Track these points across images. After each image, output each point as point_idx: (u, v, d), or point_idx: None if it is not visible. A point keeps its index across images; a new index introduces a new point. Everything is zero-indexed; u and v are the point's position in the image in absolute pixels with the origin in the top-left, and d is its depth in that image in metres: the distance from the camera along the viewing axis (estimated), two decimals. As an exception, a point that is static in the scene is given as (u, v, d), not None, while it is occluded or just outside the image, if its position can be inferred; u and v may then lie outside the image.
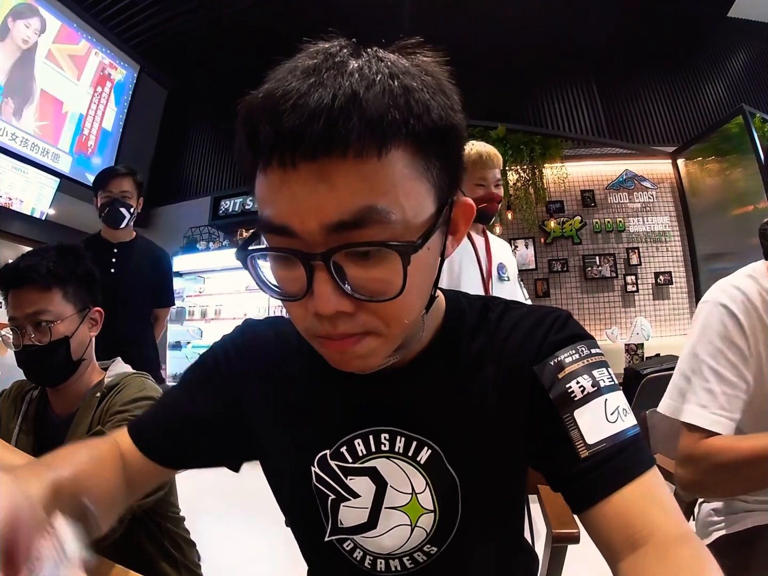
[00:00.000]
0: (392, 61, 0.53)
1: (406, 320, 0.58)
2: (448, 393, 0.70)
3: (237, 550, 2.92)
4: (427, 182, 0.55)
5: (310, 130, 0.47)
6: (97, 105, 6.99)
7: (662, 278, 6.31)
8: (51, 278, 1.29)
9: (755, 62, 7.67)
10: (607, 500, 0.59)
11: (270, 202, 0.53)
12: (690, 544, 0.54)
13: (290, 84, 0.49)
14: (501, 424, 0.69)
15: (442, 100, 0.55)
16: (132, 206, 2.78)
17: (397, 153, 0.51)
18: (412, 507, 0.71)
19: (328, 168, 0.48)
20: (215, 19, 7.17)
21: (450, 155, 0.57)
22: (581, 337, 0.69)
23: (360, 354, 0.58)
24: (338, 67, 0.50)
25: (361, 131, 0.48)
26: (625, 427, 0.62)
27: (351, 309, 0.54)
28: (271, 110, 0.49)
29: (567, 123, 7.25)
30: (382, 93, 0.49)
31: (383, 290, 0.53)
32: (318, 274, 0.52)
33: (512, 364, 0.69)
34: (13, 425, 1.34)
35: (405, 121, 0.50)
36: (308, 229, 0.51)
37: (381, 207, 0.50)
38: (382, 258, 0.52)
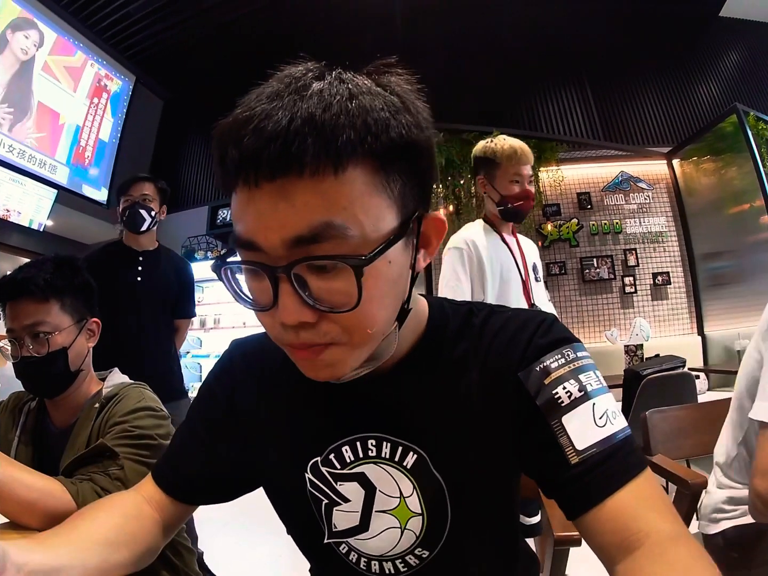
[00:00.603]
0: (355, 83, 0.56)
1: (369, 330, 0.58)
2: (433, 398, 0.71)
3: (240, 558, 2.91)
4: (388, 198, 0.56)
5: (267, 152, 0.50)
6: (94, 116, 7.00)
7: (660, 279, 6.32)
8: (48, 290, 1.29)
9: (748, 61, 7.71)
10: (600, 506, 0.59)
11: (239, 219, 0.56)
12: (686, 544, 0.54)
13: (254, 109, 0.52)
14: (486, 429, 0.69)
15: (406, 118, 0.56)
16: (153, 210, 2.71)
17: (354, 171, 0.53)
18: (400, 510, 0.72)
19: (287, 186, 0.51)
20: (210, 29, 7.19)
21: (415, 171, 0.59)
22: (567, 340, 0.68)
23: (327, 362, 0.60)
24: (299, 90, 0.53)
25: (315, 152, 0.50)
26: (615, 431, 0.62)
27: (313, 319, 0.56)
28: (235, 134, 0.52)
29: (562, 126, 7.27)
30: (339, 114, 0.51)
31: (342, 302, 0.55)
32: (282, 286, 0.54)
33: (497, 368, 0.69)
34: (12, 436, 1.34)
35: (361, 140, 0.52)
36: (271, 244, 0.53)
37: (338, 223, 0.52)
38: (339, 271, 0.54)
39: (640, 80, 7.45)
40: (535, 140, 6.33)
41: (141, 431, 1.21)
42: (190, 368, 7.04)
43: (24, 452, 1.32)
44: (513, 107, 7.44)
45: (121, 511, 0.77)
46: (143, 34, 7.18)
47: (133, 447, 1.18)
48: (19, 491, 0.96)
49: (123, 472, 1.14)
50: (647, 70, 7.47)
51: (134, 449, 1.18)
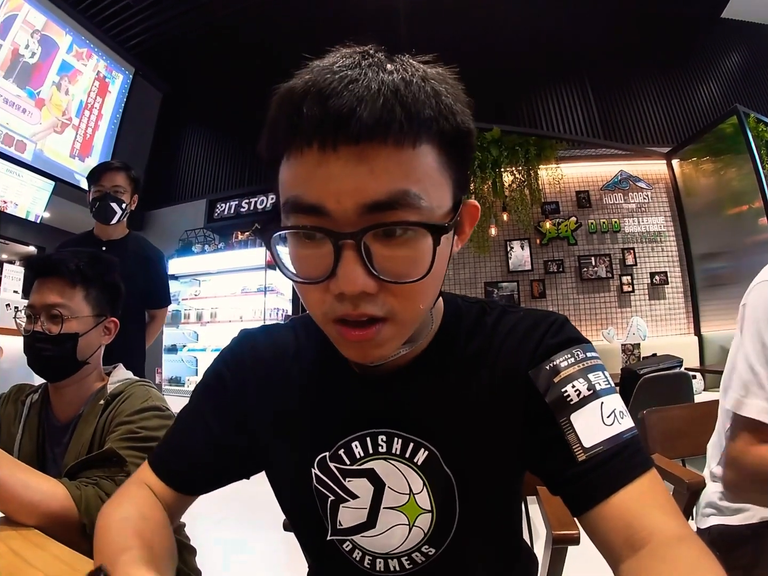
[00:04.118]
0: (422, 68, 0.58)
1: (421, 306, 0.60)
2: (445, 395, 0.71)
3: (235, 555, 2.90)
4: (449, 178, 0.58)
5: (357, 115, 0.50)
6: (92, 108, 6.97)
7: (658, 278, 6.33)
8: (78, 276, 1.32)
9: (749, 62, 7.72)
10: (605, 502, 0.59)
11: (302, 183, 0.55)
12: (690, 543, 0.54)
13: (335, 74, 0.52)
14: (496, 427, 0.70)
15: (461, 107, 0.59)
16: (124, 202, 2.64)
17: (427, 147, 0.55)
18: (409, 507, 0.72)
19: (369, 152, 0.52)
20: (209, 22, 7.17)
21: (464, 158, 0.61)
22: (577, 341, 0.69)
23: (378, 342, 0.59)
24: (378, 65, 0.55)
25: (401, 122, 0.51)
26: (622, 430, 0.62)
27: (374, 290, 0.55)
28: (317, 92, 0.52)
29: (562, 124, 7.27)
30: (418, 91, 0.53)
31: (408, 272, 0.55)
32: (346, 253, 0.54)
33: (507, 367, 0.70)
34: (15, 429, 1.34)
35: (435, 120, 0.54)
36: (343, 208, 0.53)
37: (414, 192, 0.53)
38: (409, 239, 0.55)
39: (641, 80, 7.44)
40: (534, 138, 6.33)
41: (147, 433, 1.21)
42: (186, 362, 7.05)
43: (27, 445, 1.32)
44: (513, 104, 7.43)
45: (140, 511, 0.72)
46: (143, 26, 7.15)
47: (139, 450, 1.17)
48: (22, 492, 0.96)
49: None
50: (648, 69, 7.47)
51: (140, 452, 1.17)
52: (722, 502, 1.21)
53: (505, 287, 6.50)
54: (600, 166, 6.62)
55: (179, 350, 7.10)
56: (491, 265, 6.53)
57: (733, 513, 1.18)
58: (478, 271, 6.50)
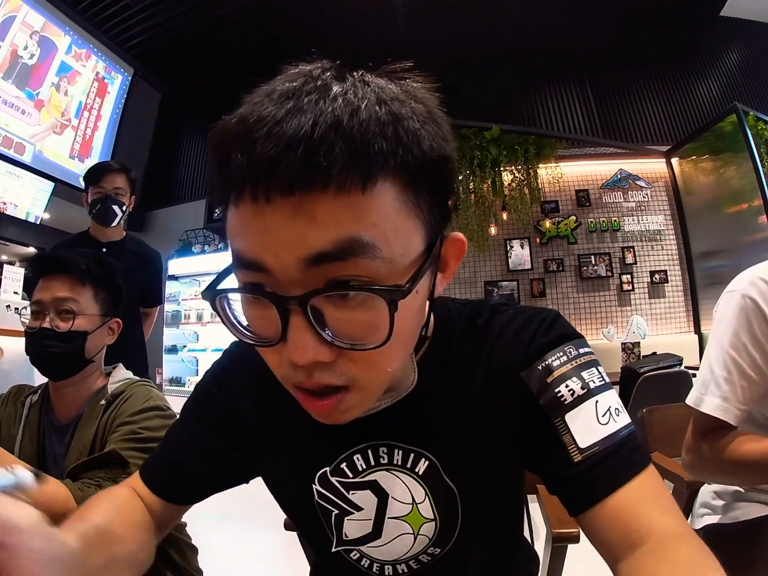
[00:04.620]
0: (380, 87, 0.49)
1: (389, 368, 0.54)
2: (442, 403, 0.70)
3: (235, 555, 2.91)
4: (417, 219, 0.51)
5: (287, 161, 0.43)
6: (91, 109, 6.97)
7: (657, 277, 6.33)
8: (88, 275, 1.33)
9: (748, 60, 7.72)
10: (603, 503, 0.58)
11: (241, 236, 0.49)
12: (689, 542, 0.53)
13: (266, 108, 0.45)
14: (493, 430, 0.69)
15: (433, 129, 0.51)
16: (124, 204, 2.64)
17: (384, 186, 0.47)
18: (413, 516, 0.71)
19: (307, 202, 0.44)
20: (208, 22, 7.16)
21: (441, 188, 0.54)
22: (569, 337, 0.67)
23: (341, 410, 0.55)
24: (320, 91, 0.46)
25: (344, 163, 0.43)
26: (618, 428, 0.61)
27: (330, 357, 0.49)
28: (244, 137, 0.45)
29: (561, 123, 7.27)
30: (368, 120, 0.45)
31: (366, 337, 0.49)
32: (294, 319, 0.48)
33: (501, 369, 0.68)
34: (15, 430, 1.34)
35: (393, 152, 0.46)
36: (283, 264, 0.47)
37: (367, 240, 0.46)
38: (365, 301, 0.48)
39: (640, 78, 7.44)
40: (534, 137, 6.33)
41: (149, 433, 1.21)
42: (186, 362, 7.05)
43: (28, 446, 1.32)
44: (512, 103, 7.43)
45: (113, 504, 0.71)
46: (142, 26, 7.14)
47: (141, 451, 1.18)
48: None
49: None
50: (647, 68, 7.47)
51: (142, 453, 1.17)
52: (715, 501, 1.25)
53: (505, 286, 6.49)
54: (599, 164, 6.62)
55: (180, 350, 7.10)
56: (491, 264, 6.53)
57: (725, 512, 1.21)
58: (478, 271, 6.50)
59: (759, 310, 1.05)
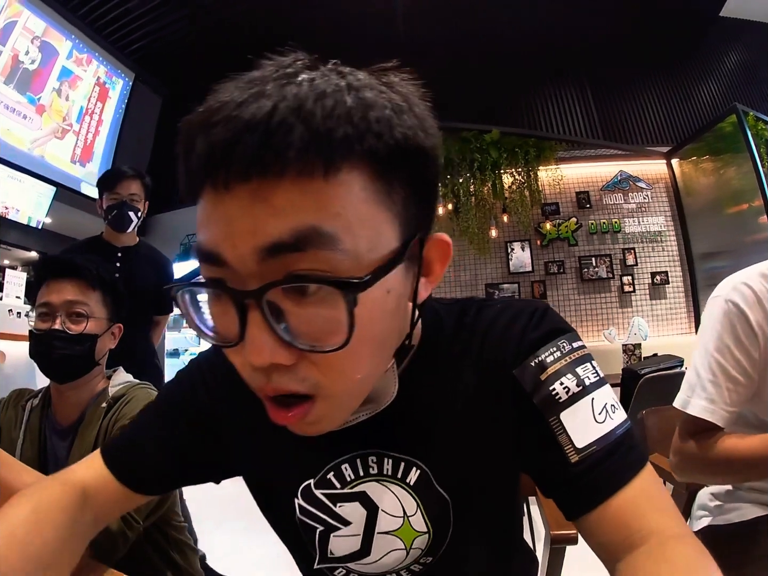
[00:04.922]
0: (355, 76, 0.47)
1: (357, 375, 0.50)
2: (433, 409, 0.66)
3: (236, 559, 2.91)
4: (389, 211, 0.48)
5: (243, 145, 0.41)
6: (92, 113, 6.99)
7: (659, 278, 6.32)
8: (98, 280, 1.34)
9: (748, 61, 7.73)
10: (602, 506, 0.57)
11: (203, 227, 0.47)
12: (688, 542, 0.53)
13: (231, 95, 0.44)
14: (487, 432, 0.66)
15: (410, 119, 0.48)
16: (140, 210, 2.64)
17: (350, 174, 0.44)
18: (404, 530, 0.68)
19: (265, 189, 0.42)
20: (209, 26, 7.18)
21: (420, 183, 0.51)
22: (561, 331, 0.64)
23: (310, 422, 0.51)
24: (288, 77, 0.44)
25: (303, 147, 0.41)
26: (615, 426, 0.60)
27: (290, 360, 0.46)
28: (204, 123, 0.43)
29: (561, 125, 7.28)
30: (334, 105, 0.43)
31: (326, 338, 0.45)
32: (251, 317, 0.44)
33: (491, 367, 0.65)
34: (16, 434, 1.34)
35: (360, 138, 0.44)
36: (240, 255, 0.44)
37: (327, 230, 0.43)
38: (324, 298, 0.44)
39: (640, 80, 7.46)
40: (534, 139, 6.34)
41: None
42: (188, 366, 7.04)
43: (29, 451, 1.32)
44: (512, 106, 7.44)
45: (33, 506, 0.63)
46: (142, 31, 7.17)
47: None
48: None
49: None
50: (647, 69, 7.48)
51: None
52: (712, 503, 1.26)
53: (506, 289, 6.49)
54: (600, 166, 6.61)
55: (181, 354, 7.11)
56: (492, 266, 6.52)
57: (722, 513, 1.22)
58: (479, 273, 6.49)
59: (742, 314, 1.07)
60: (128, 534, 1.03)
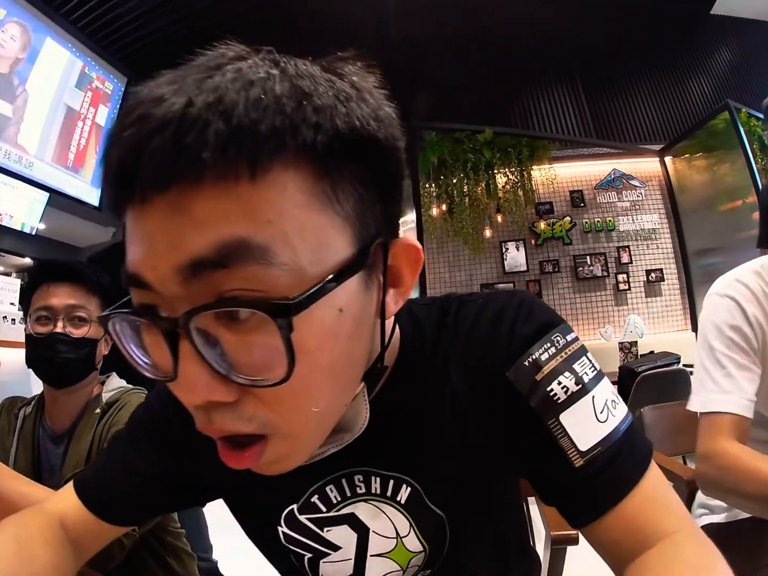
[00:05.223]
0: (293, 64, 0.41)
1: (313, 408, 0.43)
2: (420, 421, 0.61)
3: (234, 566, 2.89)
4: (336, 215, 0.41)
5: (152, 148, 0.35)
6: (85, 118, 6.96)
7: (654, 275, 6.34)
8: (97, 285, 1.34)
9: (739, 58, 7.78)
10: (612, 511, 0.54)
11: (128, 246, 0.41)
12: (697, 541, 0.52)
13: (149, 92, 0.38)
14: (482, 443, 0.61)
15: (360, 108, 0.42)
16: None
17: (284, 175, 0.38)
18: (398, 552, 0.64)
19: (185, 197, 0.36)
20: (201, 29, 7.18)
21: (376, 180, 0.44)
22: (552, 324, 0.59)
23: (270, 461, 0.45)
24: (212, 68, 0.39)
25: (220, 145, 0.35)
26: (618, 423, 0.56)
27: (228, 397, 0.39)
28: (116, 128, 0.38)
29: (554, 124, 7.29)
30: (262, 95, 0.37)
31: (267, 370, 0.38)
32: (182, 347, 0.38)
33: (481, 370, 0.59)
34: (10, 443, 1.33)
35: (294, 131, 0.37)
36: (160, 275, 0.38)
37: (258, 242, 0.36)
38: (259, 323, 0.37)
39: (632, 78, 7.48)
40: (527, 139, 6.35)
41: None
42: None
43: (23, 459, 1.31)
44: (505, 106, 7.44)
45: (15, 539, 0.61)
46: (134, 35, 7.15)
47: None
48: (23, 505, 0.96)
49: None
50: (639, 67, 7.50)
51: None
52: (712, 501, 1.25)
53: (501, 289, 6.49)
54: (593, 165, 6.63)
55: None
56: (486, 266, 6.52)
57: (723, 511, 1.22)
58: (474, 273, 6.49)
59: (739, 307, 1.09)
60: (124, 541, 1.02)
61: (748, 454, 0.98)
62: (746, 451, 0.99)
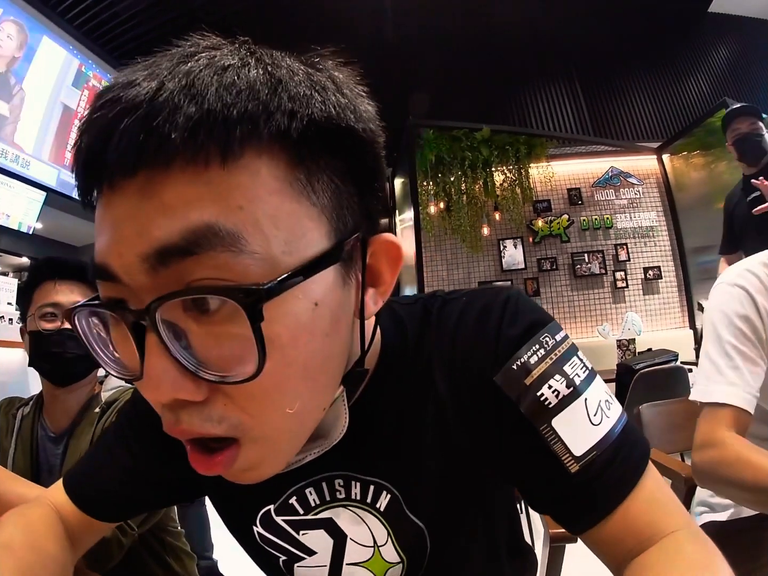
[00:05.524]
0: (269, 54, 0.41)
1: (288, 410, 0.41)
2: (404, 425, 0.59)
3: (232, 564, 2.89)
4: (312, 206, 0.40)
5: (120, 133, 0.34)
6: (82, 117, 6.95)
7: (651, 273, 6.34)
8: None
9: (737, 56, 7.80)
10: (612, 516, 0.52)
11: (96, 236, 0.39)
12: (697, 539, 0.51)
13: (121, 79, 0.37)
14: (467, 449, 0.58)
15: (337, 99, 0.41)
16: None
17: (258, 161, 0.37)
18: (375, 562, 0.62)
19: (153, 181, 0.35)
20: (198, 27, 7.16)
21: (354, 173, 0.43)
22: (541, 323, 0.56)
23: (243, 468, 0.43)
24: (186, 56, 0.38)
25: (191, 128, 0.34)
26: (612, 424, 0.54)
27: (197, 395, 0.38)
28: (88, 113, 0.37)
29: (551, 122, 7.30)
30: (235, 79, 0.36)
31: (236, 365, 0.37)
32: (148, 341, 0.36)
33: (467, 374, 0.56)
34: (8, 443, 1.33)
35: (267, 117, 0.37)
36: (126, 264, 0.37)
37: (228, 228, 0.35)
38: (230, 314, 0.36)
39: (630, 76, 7.49)
40: (524, 137, 6.35)
41: None
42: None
43: (21, 460, 1.31)
44: (503, 104, 7.45)
45: (24, 528, 0.62)
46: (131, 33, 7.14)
47: None
48: None
49: None
50: (636, 65, 7.52)
51: None
52: (713, 499, 1.24)
53: (498, 286, 6.48)
54: (590, 163, 6.64)
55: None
56: (485, 264, 6.52)
57: (723, 509, 1.21)
58: (472, 271, 6.49)
59: (749, 296, 1.06)
60: (123, 540, 1.02)
61: (747, 445, 0.97)
62: (745, 443, 0.97)
